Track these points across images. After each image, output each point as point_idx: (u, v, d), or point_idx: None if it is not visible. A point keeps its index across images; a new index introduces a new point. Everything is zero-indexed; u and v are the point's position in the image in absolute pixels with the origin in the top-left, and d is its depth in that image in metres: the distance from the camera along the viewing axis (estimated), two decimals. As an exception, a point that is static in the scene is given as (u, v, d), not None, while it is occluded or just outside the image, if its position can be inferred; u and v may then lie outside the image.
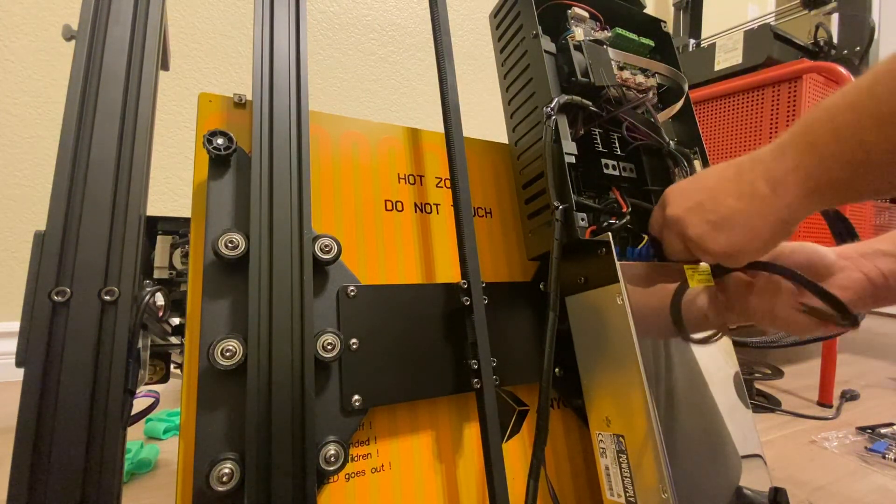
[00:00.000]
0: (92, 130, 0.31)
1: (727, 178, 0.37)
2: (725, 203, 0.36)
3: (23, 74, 1.01)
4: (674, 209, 0.40)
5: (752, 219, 0.35)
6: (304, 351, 0.33)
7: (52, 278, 0.28)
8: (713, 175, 0.38)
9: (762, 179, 0.34)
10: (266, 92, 0.36)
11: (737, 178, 0.36)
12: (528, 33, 0.47)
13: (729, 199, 0.36)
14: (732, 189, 0.36)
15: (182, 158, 1.14)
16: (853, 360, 1.28)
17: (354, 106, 1.36)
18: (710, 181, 0.38)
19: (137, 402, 0.33)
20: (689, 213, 0.38)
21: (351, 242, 0.41)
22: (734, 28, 1.19)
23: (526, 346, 0.45)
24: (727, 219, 0.36)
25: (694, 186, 0.39)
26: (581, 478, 0.46)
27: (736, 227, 0.36)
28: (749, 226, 0.35)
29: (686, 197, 0.39)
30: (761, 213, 0.35)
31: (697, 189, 0.39)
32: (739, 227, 0.36)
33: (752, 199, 0.35)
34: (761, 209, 0.34)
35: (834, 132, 0.30)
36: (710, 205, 0.37)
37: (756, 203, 0.35)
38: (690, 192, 0.39)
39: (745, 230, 0.36)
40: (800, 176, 0.32)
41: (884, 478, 0.64)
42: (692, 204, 0.38)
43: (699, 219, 0.38)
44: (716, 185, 0.37)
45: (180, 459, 0.32)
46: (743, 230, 0.36)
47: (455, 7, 1.53)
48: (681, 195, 0.40)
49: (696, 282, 0.43)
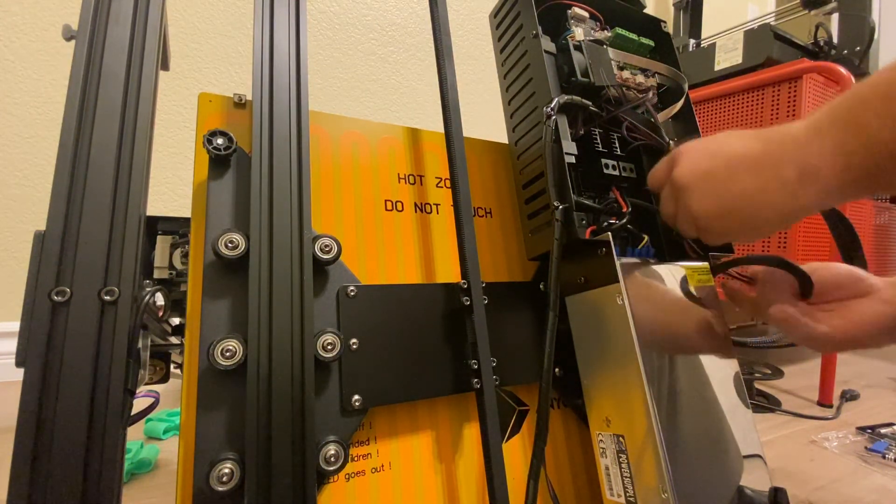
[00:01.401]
0: (92, 130, 0.31)
1: (751, 151, 0.33)
2: (741, 182, 0.33)
3: (23, 74, 1.01)
4: (683, 172, 0.36)
5: (762, 209, 0.32)
6: (304, 351, 0.33)
7: (52, 278, 0.28)
8: (736, 143, 0.34)
9: (792, 163, 0.30)
10: (266, 92, 0.36)
11: (762, 156, 0.32)
12: (528, 33, 0.47)
13: (747, 177, 0.32)
14: (753, 167, 0.32)
15: (182, 158, 1.14)
16: (853, 360, 1.28)
17: (354, 106, 1.36)
18: (732, 148, 0.34)
19: (137, 402, 0.33)
20: (698, 181, 0.35)
21: (351, 242, 0.41)
22: (734, 28, 1.19)
23: (526, 346, 0.45)
24: (736, 202, 0.33)
25: (712, 150, 0.35)
26: (581, 478, 0.46)
27: (743, 213, 0.33)
28: (756, 216, 0.33)
29: (700, 161, 0.36)
30: (776, 204, 0.32)
31: (715, 154, 0.35)
32: (746, 215, 0.33)
33: (773, 184, 0.31)
34: (777, 200, 0.31)
35: (889, 114, 0.26)
36: (724, 179, 0.33)
37: (774, 191, 0.31)
38: (706, 156, 0.35)
39: (750, 219, 0.33)
40: (838, 163, 0.29)
41: (884, 478, 0.64)
42: (704, 171, 0.35)
43: (707, 194, 0.34)
44: (736, 157, 0.33)
45: (180, 459, 0.32)
46: (748, 219, 0.33)
47: (455, 7, 1.53)
48: (696, 157, 0.36)
49: (695, 281, 0.43)
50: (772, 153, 0.32)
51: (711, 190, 0.34)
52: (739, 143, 0.34)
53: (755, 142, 0.33)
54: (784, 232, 1.07)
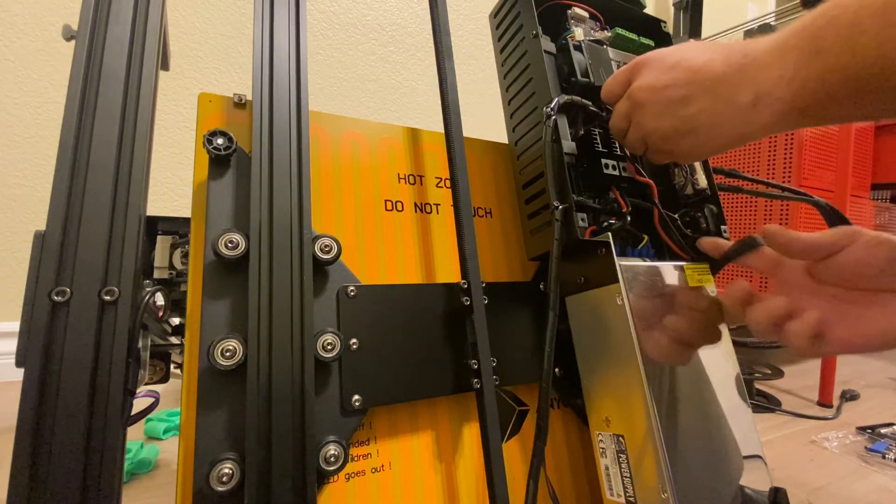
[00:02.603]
0: (92, 130, 0.31)
1: (711, 71, 0.32)
2: (697, 103, 0.32)
3: (23, 74, 1.01)
4: (642, 87, 0.35)
5: (714, 134, 0.32)
6: (304, 351, 0.33)
7: (52, 278, 0.28)
8: (699, 57, 0.33)
9: (749, 88, 0.30)
10: (266, 92, 0.36)
11: (720, 77, 0.32)
12: (528, 33, 0.47)
13: (704, 99, 0.32)
14: (711, 88, 0.32)
15: (182, 158, 1.14)
16: (853, 360, 1.28)
17: (354, 106, 1.36)
18: (694, 62, 0.33)
19: (137, 402, 0.33)
20: (656, 98, 0.34)
21: (351, 242, 0.41)
22: (734, 28, 1.19)
23: (526, 346, 0.45)
24: (690, 123, 0.33)
25: (672, 62, 0.34)
26: (581, 478, 0.46)
27: (695, 136, 0.33)
28: (707, 139, 0.33)
29: (660, 76, 0.35)
30: (728, 128, 0.32)
31: (674, 67, 0.34)
32: (698, 137, 0.33)
33: (728, 109, 0.31)
34: (730, 125, 0.31)
35: (849, 40, 0.25)
36: (680, 98, 0.33)
37: (728, 116, 0.31)
38: (666, 69, 0.34)
39: (701, 142, 0.33)
40: (794, 87, 0.28)
41: (884, 478, 0.64)
42: (663, 86, 0.34)
43: (663, 114, 0.34)
44: (696, 75, 0.33)
45: (180, 459, 0.32)
46: (700, 142, 0.33)
47: (455, 7, 1.53)
48: (656, 71, 0.35)
49: (695, 281, 0.43)
50: (730, 77, 0.31)
51: (667, 109, 0.34)
52: (703, 57, 0.33)
53: (718, 59, 0.32)
54: (784, 232, 1.07)
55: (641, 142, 0.38)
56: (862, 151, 1.22)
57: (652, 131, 0.36)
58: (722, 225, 0.48)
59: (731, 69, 0.31)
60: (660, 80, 0.35)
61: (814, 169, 1.06)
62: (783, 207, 1.07)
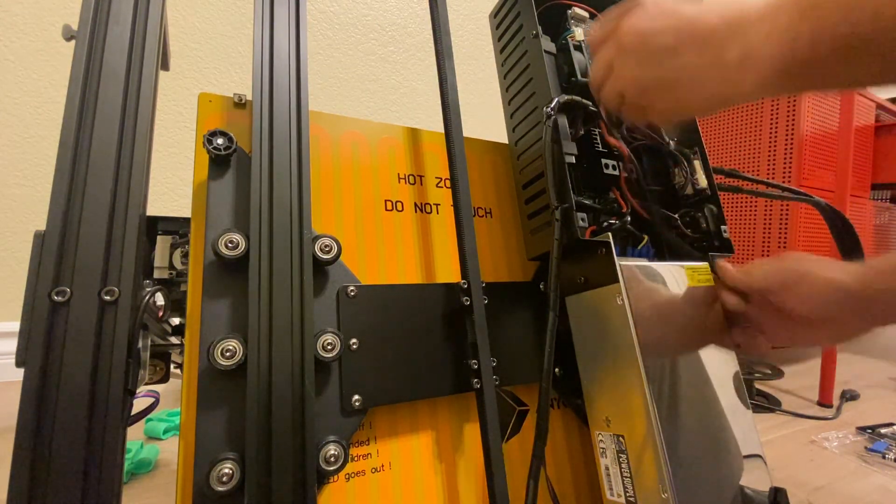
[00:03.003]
0: (92, 130, 0.31)
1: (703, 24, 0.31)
2: (683, 56, 0.31)
3: (23, 74, 1.01)
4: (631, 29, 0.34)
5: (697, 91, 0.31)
6: (304, 351, 0.33)
7: (52, 278, 0.28)
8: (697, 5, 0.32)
9: (737, 40, 0.29)
10: (266, 92, 0.36)
11: (711, 32, 0.31)
12: (528, 33, 0.47)
13: (691, 53, 0.31)
14: (700, 43, 0.31)
15: (182, 158, 1.14)
16: (853, 360, 1.28)
17: (354, 106, 1.36)
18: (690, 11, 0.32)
19: (137, 402, 0.33)
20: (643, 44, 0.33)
21: (351, 242, 0.41)
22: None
23: (526, 346, 0.45)
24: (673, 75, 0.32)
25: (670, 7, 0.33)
26: (581, 478, 0.46)
27: (677, 92, 0.32)
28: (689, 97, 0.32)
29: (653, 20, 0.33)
30: (712, 88, 0.31)
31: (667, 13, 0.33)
32: (680, 94, 0.32)
33: (714, 66, 0.30)
34: (715, 79, 0.31)
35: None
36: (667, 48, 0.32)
37: (714, 74, 0.30)
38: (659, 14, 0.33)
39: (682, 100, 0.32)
40: (782, 45, 0.27)
41: (884, 478, 0.64)
42: (653, 32, 0.33)
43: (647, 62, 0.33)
44: (687, 25, 0.32)
45: (180, 459, 0.32)
46: (680, 99, 0.32)
47: (455, 7, 1.53)
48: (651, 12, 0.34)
49: (695, 281, 0.43)
50: (721, 31, 0.31)
51: (652, 57, 0.33)
52: (699, 8, 0.32)
53: (714, 12, 0.31)
54: (784, 232, 1.07)
55: (619, 95, 0.36)
56: (862, 151, 1.22)
57: (631, 82, 0.35)
58: (722, 225, 0.48)
59: (723, 22, 0.31)
60: (650, 25, 0.33)
61: (814, 169, 1.06)
62: (783, 207, 1.07)
